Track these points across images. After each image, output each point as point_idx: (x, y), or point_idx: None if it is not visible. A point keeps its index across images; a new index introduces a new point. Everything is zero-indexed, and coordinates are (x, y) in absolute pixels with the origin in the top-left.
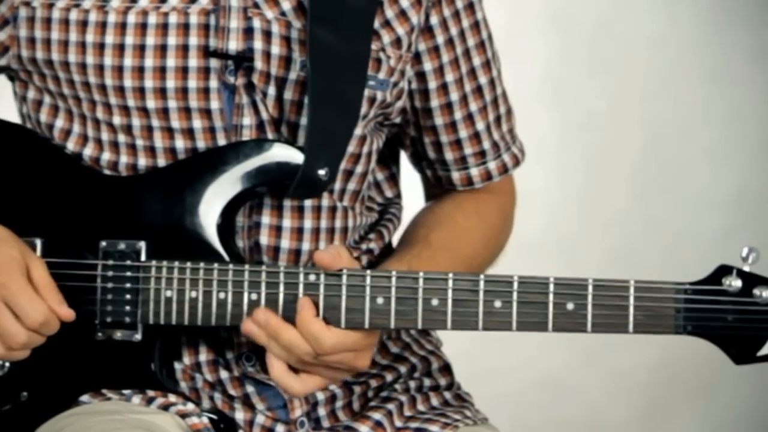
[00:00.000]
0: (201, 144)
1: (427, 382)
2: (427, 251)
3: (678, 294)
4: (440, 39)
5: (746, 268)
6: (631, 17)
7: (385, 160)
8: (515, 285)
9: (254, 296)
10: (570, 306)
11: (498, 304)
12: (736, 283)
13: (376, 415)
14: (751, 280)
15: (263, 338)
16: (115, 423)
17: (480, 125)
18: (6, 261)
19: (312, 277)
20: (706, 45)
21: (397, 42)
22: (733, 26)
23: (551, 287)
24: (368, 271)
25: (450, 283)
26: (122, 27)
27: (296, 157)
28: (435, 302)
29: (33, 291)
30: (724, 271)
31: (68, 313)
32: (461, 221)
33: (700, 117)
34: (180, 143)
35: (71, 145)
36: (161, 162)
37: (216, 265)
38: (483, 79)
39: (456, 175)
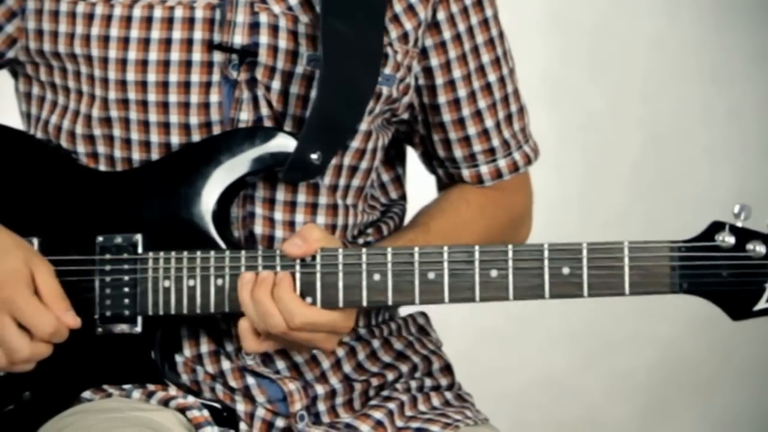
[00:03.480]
0: (197, 138)
1: (428, 382)
2: (423, 238)
3: (672, 252)
4: (447, 35)
5: (739, 224)
6: (631, 17)
7: (391, 162)
8: (510, 253)
9: None
10: (566, 270)
11: (494, 273)
12: (730, 239)
13: (377, 414)
14: (744, 235)
15: (246, 294)
16: (116, 421)
17: (489, 122)
18: (10, 274)
19: (308, 258)
20: (706, 45)
21: (405, 37)
22: (733, 26)
23: (546, 253)
24: (364, 249)
25: (445, 255)
26: (128, 20)
27: (290, 144)
28: (432, 275)
29: (39, 302)
30: (716, 227)
31: (74, 321)
32: (464, 212)
33: (700, 117)
34: (175, 138)
35: (65, 143)
36: (155, 156)
37: (212, 252)
38: (492, 77)
39: (466, 173)
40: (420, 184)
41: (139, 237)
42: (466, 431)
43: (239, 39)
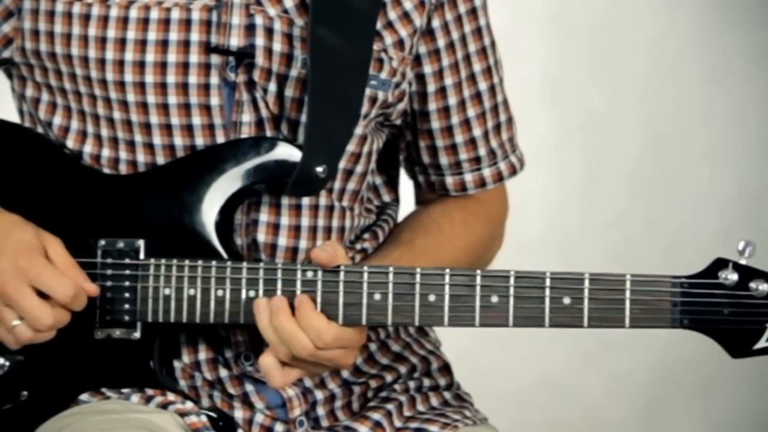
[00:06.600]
0: (200, 141)
1: (426, 382)
2: (408, 256)
3: (674, 287)
4: (441, 42)
5: (743, 262)
6: (631, 17)
7: (384, 165)
8: (512, 280)
9: (252, 293)
10: (566, 300)
11: (495, 299)
12: (733, 276)
13: (376, 416)
14: (748, 274)
15: (264, 321)
16: (115, 422)
17: (477, 131)
18: (23, 245)
19: (309, 274)
20: (706, 45)
21: (400, 43)
22: (733, 26)
23: (548, 282)
24: (365, 267)
25: (447, 278)
26: (124, 21)
27: (294, 154)
28: (432, 298)
29: (56, 268)
30: (720, 264)
31: (94, 289)
32: (447, 229)
33: (700, 117)
34: (179, 140)
35: (70, 143)
36: (160, 159)
37: (214, 262)
38: (483, 86)
39: (449, 180)
40: (412, 187)
41: (141, 243)
42: (465, 431)
43: (235, 41)
